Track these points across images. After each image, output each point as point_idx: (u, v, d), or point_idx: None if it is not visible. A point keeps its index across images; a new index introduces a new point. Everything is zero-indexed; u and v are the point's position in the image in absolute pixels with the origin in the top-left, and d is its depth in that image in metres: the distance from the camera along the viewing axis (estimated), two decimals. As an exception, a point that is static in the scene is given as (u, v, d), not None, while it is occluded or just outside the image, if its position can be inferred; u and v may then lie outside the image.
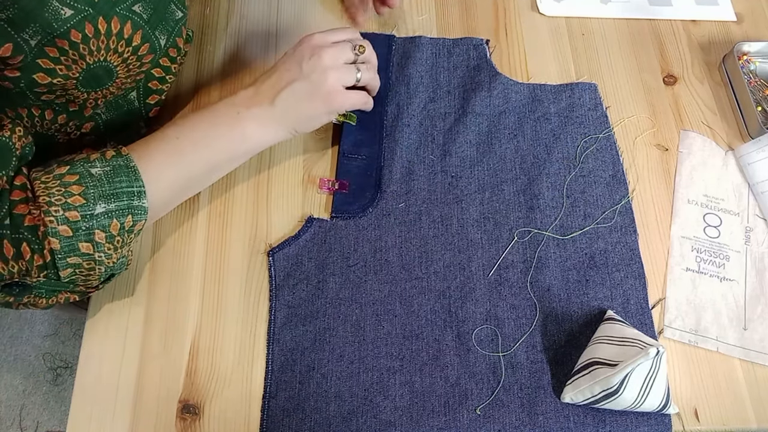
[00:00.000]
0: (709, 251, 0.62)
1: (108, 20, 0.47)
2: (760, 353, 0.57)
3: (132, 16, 0.49)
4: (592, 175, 0.64)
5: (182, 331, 0.55)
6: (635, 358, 0.48)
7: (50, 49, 0.45)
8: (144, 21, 0.50)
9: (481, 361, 0.55)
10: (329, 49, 0.54)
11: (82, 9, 0.45)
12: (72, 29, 0.45)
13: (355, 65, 0.56)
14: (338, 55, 0.55)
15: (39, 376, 1.38)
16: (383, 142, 0.64)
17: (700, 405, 0.55)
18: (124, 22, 0.48)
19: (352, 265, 0.58)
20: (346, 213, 0.60)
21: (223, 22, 0.70)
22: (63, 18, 0.44)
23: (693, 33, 0.75)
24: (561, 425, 0.53)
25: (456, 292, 0.58)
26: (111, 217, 0.46)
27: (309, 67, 0.53)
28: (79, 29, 0.45)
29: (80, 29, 0.45)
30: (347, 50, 0.56)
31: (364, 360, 0.54)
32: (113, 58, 0.50)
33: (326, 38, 0.55)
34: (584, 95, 0.68)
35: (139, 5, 0.49)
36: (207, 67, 0.67)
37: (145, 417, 0.51)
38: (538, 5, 0.75)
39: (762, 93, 0.70)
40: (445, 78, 0.68)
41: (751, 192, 0.65)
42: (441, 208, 0.61)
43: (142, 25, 0.50)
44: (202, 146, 0.52)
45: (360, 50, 0.56)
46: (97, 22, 0.46)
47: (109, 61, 0.50)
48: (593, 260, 0.60)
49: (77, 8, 0.45)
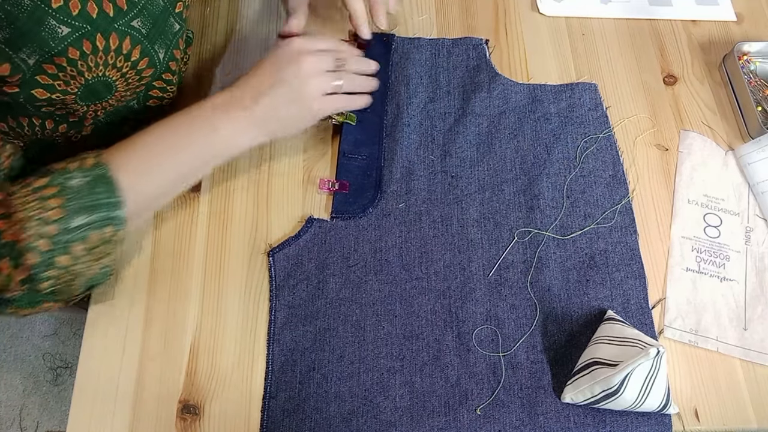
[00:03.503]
0: (709, 251, 0.62)
1: (106, 37, 0.47)
2: (760, 353, 0.57)
3: (131, 31, 0.49)
4: (592, 175, 0.64)
5: (182, 331, 0.55)
6: (635, 359, 0.48)
7: (48, 66, 0.45)
8: (143, 36, 0.50)
9: (481, 361, 0.55)
10: (309, 57, 0.54)
11: (79, 27, 0.45)
12: (70, 47, 0.45)
13: (335, 73, 0.56)
14: (318, 64, 0.54)
15: (39, 376, 1.38)
16: (383, 142, 0.64)
17: (700, 405, 0.55)
18: (122, 37, 0.48)
19: (353, 266, 0.58)
20: (346, 213, 0.60)
21: (223, 23, 0.70)
22: (60, 36, 0.44)
23: (693, 33, 0.75)
24: (561, 425, 0.53)
25: (456, 292, 0.58)
26: (90, 229, 0.45)
27: (289, 73, 0.53)
28: (77, 46, 0.45)
29: (78, 46, 0.45)
30: (328, 59, 0.55)
31: (364, 360, 0.54)
32: (112, 73, 0.50)
33: (306, 45, 0.55)
34: (584, 95, 0.68)
35: (138, 20, 0.49)
36: (207, 67, 0.67)
37: (145, 417, 0.51)
38: (538, 5, 0.75)
39: (762, 93, 0.70)
40: (444, 78, 0.68)
41: (751, 192, 0.65)
42: (441, 209, 0.61)
43: (141, 40, 0.50)
44: (180, 150, 0.51)
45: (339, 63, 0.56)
46: (95, 39, 0.46)
47: (108, 76, 0.50)
48: (593, 260, 0.60)
49: (75, 26, 0.44)
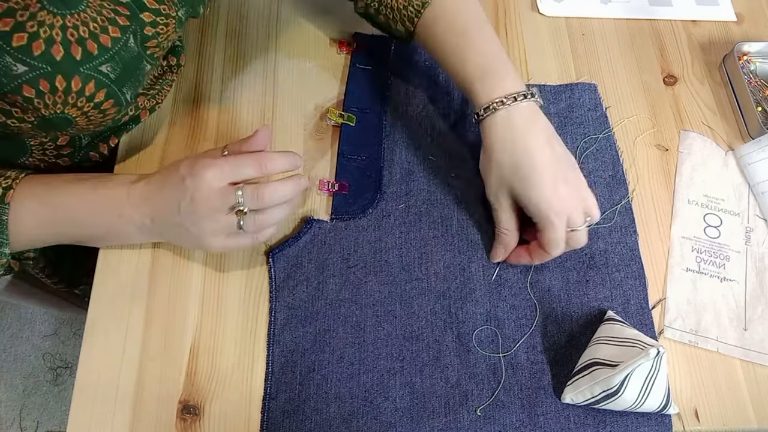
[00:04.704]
0: (709, 251, 0.62)
1: (68, 79, 0.43)
2: (760, 353, 0.57)
3: (97, 75, 0.45)
4: (592, 176, 0.64)
5: (182, 331, 0.55)
6: (636, 359, 0.48)
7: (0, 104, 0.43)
8: (110, 80, 0.46)
9: (481, 361, 0.55)
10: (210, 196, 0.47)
11: (38, 66, 0.41)
12: (24, 84, 0.41)
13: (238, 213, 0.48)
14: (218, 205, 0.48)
15: (39, 376, 1.38)
16: (383, 143, 0.64)
17: (700, 405, 0.55)
18: (86, 81, 0.44)
19: (352, 267, 0.58)
20: (346, 214, 0.60)
21: (223, 23, 0.70)
22: (14, 74, 0.41)
23: (693, 33, 0.75)
24: (561, 426, 0.53)
25: (456, 292, 0.58)
26: None
27: (185, 210, 0.48)
28: (32, 85, 0.42)
29: (33, 85, 0.42)
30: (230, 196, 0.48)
31: (364, 361, 0.54)
32: (72, 111, 0.46)
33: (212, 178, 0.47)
34: (584, 95, 0.68)
35: (107, 66, 0.45)
36: (207, 68, 0.67)
37: (145, 417, 0.51)
38: (538, 5, 0.75)
39: (762, 93, 0.70)
40: (443, 79, 0.68)
41: (752, 192, 0.65)
42: (441, 209, 0.61)
43: (108, 84, 0.46)
44: (77, 226, 0.50)
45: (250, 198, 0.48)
46: (54, 80, 0.42)
47: (67, 113, 0.46)
48: (593, 260, 0.60)
49: (33, 65, 0.41)
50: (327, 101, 0.66)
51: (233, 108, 0.65)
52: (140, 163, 0.61)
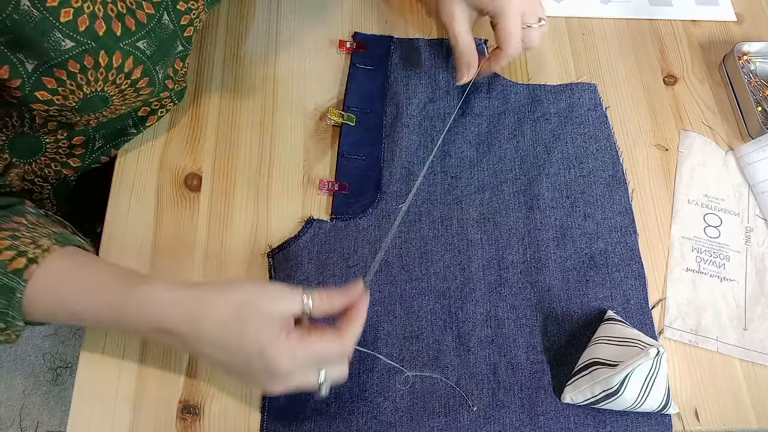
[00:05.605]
0: (709, 251, 0.62)
1: (110, 54, 0.46)
2: (760, 353, 0.57)
3: (135, 51, 0.48)
4: (592, 175, 0.64)
5: (182, 331, 0.55)
6: (635, 359, 0.48)
7: (48, 80, 0.45)
8: (146, 57, 0.50)
9: (481, 361, 0.55)
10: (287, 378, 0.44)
11: (84, 42, 0.44)
12: (70, 59, 0.44)
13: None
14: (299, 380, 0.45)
15: (39, 376, 1.38)
16: (383, 142, 0.64)
17: (700, 405, 0.55)
18: (126, 57, 0.47)
19: (352, 266, 0.58)
20: (346, 214, 0.60)
21: (223, 23, 0.70)
22: (63, 49, 0.43)
23: (693, 33, 0.75)
24: (561, 426, 0.53)
25: (456, 292, 0.58)
26: None
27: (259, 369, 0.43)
28: (78, 60, 0.45)
29: (79, 60, 0.45)
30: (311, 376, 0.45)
31: (364, 361, 0.54)
32: (110, 89, 0.49)
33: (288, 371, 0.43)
34: (584, 95, 0.68)
35: (144, 42, 0.49)
36: (207, 68, 0.67)
37: (145, 417, 0.51)
38: (538, 5, 0.75)
39: (762, 93, 0.70)
40: (443, 78, 0.68)
41: (752, 192, 0.65)
42: (441, 209, 0.61)
43: (144, 60, 0.49)
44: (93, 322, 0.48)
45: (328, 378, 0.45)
46: (98, 56, 0.45)
47: (105, 91, 0.49)
48: (593, 260, 0.60)
49: (79, 41, 0.44)
50: (327, 101, 0.67)
51: (233, 108, 0.65)
52: (140, 163, 0.61)
